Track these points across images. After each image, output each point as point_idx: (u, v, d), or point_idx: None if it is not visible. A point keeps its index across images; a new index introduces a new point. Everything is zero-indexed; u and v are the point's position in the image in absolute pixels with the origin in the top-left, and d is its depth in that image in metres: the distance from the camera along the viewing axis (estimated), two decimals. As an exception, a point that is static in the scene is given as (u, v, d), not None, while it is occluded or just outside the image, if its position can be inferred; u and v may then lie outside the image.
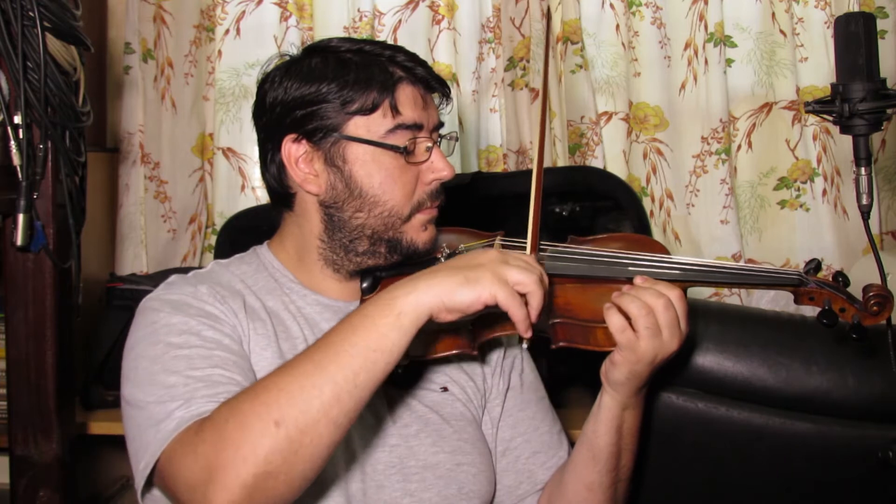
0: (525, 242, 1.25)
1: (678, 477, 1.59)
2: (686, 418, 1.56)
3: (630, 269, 1.27)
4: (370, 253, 1.31)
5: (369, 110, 1.26)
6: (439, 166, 1.30)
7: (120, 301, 2.04)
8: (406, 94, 1.28)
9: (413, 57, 1.32)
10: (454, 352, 1.25)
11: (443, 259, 1.35)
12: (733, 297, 2.28)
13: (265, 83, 1.33)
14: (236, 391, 1.10)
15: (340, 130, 1.27)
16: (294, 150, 1.29)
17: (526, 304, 1.10)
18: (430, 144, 1.30)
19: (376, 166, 1.27)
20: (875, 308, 1.19)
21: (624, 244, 1.38)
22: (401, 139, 1.27)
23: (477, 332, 1.25)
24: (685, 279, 1.26)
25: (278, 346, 1.26)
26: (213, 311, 1.23)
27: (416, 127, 1.28)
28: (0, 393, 1.85)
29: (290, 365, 1.07)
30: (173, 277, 1.31)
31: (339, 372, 1.04)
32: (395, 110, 1.27)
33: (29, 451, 1.56)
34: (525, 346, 1.16)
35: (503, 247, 1.37)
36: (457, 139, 1.40)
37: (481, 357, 1.42)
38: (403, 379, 1.33)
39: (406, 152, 1.27)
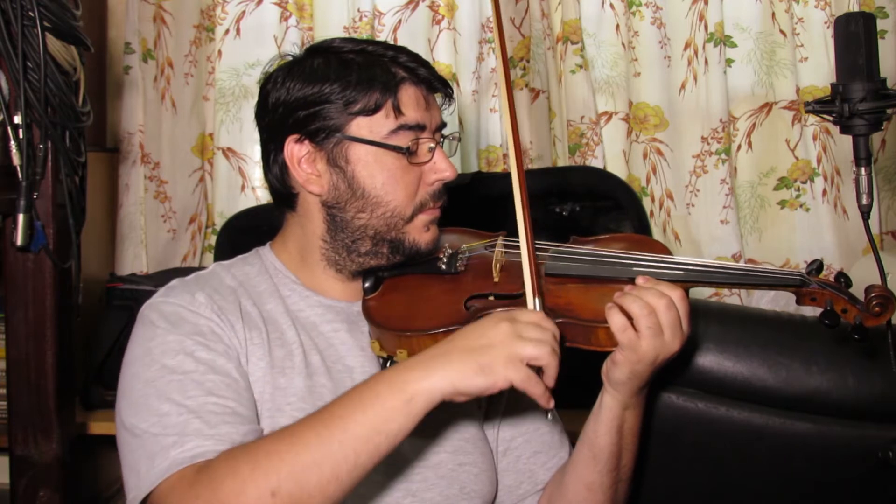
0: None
1: (678, 477, 1.59)
2: (686, 418, 1.56)
3: (632, 269, 1.27)
4: (372, 253, 1.31)
5: (372, 111, 1.26)
6: (442, 167, 1.30)
7: (120, 301, 2.05)
8: (409, 95, 1.28)
9: (416, 57, 1.32)
10: None
11: (444, 259, 1.35)
12: (733, 298, 2.28)
13: (268, 84, 1.33)
14: (228, 425, 1.12)
15: (343, 131, 1.27)
16: (297, 151, 1.29)
17: (543, 371, 1.09)
18: (432, 145, 1.30)
19: (379, 167, 1.27)
20: (877, 309, 1.19)
21: (626, 244, 1.38)
22: (403, 140, 1.27)
23: None
24: (687, 279, 1.26)
25: (271, 355, 1.26)
26: (209, 325, 1.23)
27: (419, 127, 1.28)
28: (0, 393, 1.86)
29: (294, 432, 1.07)
30: (175, 282, 1.31)
31: (340, 451, 1.04)
32: (397, 111, 1.27)
33: (29, 451, 1.56)
34: (549, 416, 1.16)
35: (505, 247, 1.37)
36: (459, 139, 1.40)
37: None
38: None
39: (409, 153, 1.27)
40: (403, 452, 1.28)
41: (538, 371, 1.10)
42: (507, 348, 1.07)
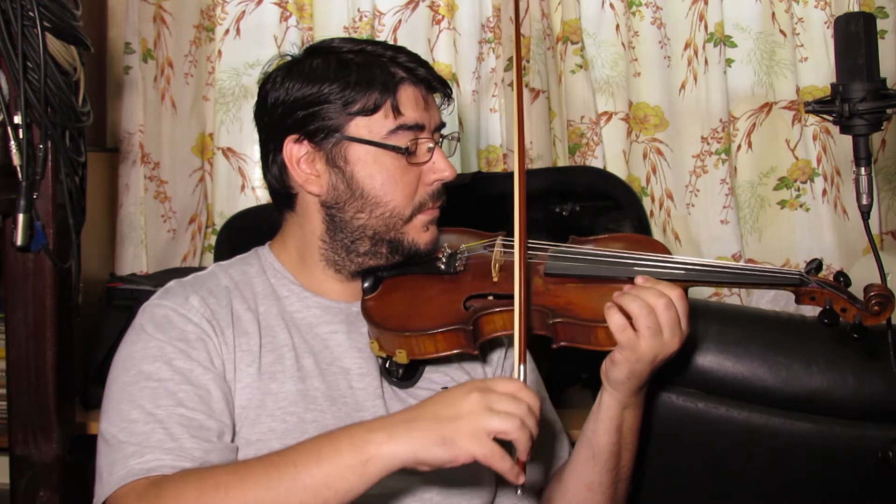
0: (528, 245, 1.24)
1: (678, 477, 1.59)
2: (686, 418, 1.56)
3: (631, 269, 1.27)
4: (372, 253, 1.31)
5: (371, 111, 1.26)
6: (441, 167, 1.30)
7: (120, 301, 2.04)
8: (408, 95, 1.28)
9: (415, 57, 1.32)
10: (455, 351, 1.25)
11: (444, 259, 1.35)
12: (733, 298, 2.28)
13: (267, 84, 1.33)
14: (190, 441, 1.14)
15: (342, 131, 1.27)
16: (296, 151, 1.29)
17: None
18: (431, 145, 1.30)
19: (378, 167, 1.27)
20: (876, 308, 1.19)
21: (625, 244, 1.38)
22: (402, 140, 1.27)
23: (478, 331, 1.25)
24: (687, 279, 1.26)
25: (261, 361, 1.26)
26: (196, 332, 1.24)
27: (418, 128, 1.28)
28: (0, 393, 1.86)
29: (247, 468, 1.08)
30: (172, 283, 1.32)
31: (286, 498, 1.05)
32: (396, 111, 1.27)
33: (29, 451, 1.56)
34: (518, 493, 1.06)
35: (504, 247, 1.37)
36: (458, 139, 1.40)
37: (482, 356, 1.41)
38: (404, 378, 1.33)
39: (408, 153, 1.27)
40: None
41: (510, 444, 1.04)
42: (472, 421, 1.02)
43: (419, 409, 1.08)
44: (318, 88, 1.27)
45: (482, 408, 1.03)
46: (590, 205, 2.06)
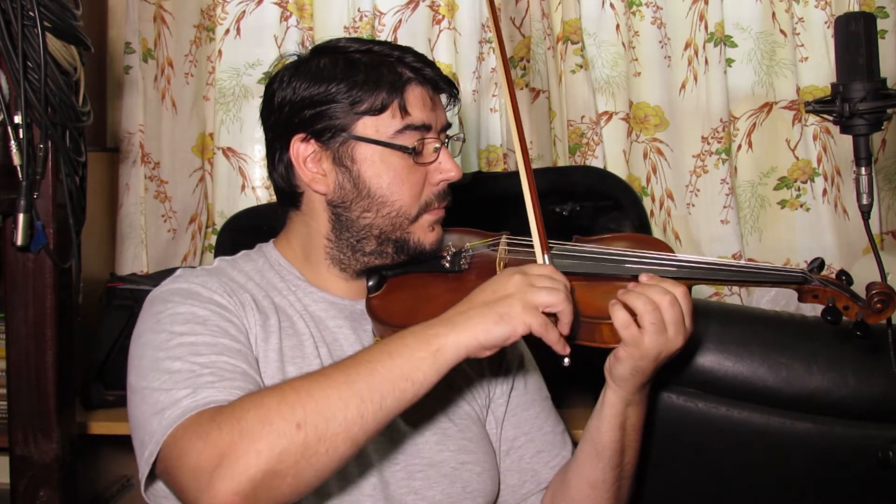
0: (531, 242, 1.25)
1: (678, 477, 1.59)
2: (686, 418, 1.56)
3: (635, 266, 1.27)
4: (377, 253, 1.32)
5: (378, 111, 1.27)
6: (447, 167, 1.31)
7: (120, 301, 2.04)
8: (415, 95, 1.28)
9: (421, 58, 1.32)
10: None
11: (448, 257, 1.36)
12: (733, 298, 2.28)
13: (273, 83, 1.33)
14: (240, 381, 1.11)
15: (349, 130, 1.27)
16: (302, 150, 1.29)
17: (557, 321, 1.12)
18: (437, 145, 1.31)
19: (385, 166, 1.28)
20: (879, 305, 1.20)
21: (629, 243, 1.39)
22: (409, 140, 1.28)
23: None
24: (691, 276, 1.27)
25: (281, 343, 1.26)
26: (222, 300, 1.24)
27: (425, 128, 1.29)
28: (0, 393, 1.86)
29: (322, 373, 1.08)
30: (180, 271, 1.32)
31: (367, 392, 1.05)
32: (403, 111, 1.27)
33: (29, 451, 1.56)
34: (566, 362, 1.16)
35: (509, 245, 1.38)
36: (463, 140, 1.40)
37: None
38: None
39: (414, 153, 1.28)
40: (406, 450, 1.28)
41: (553, 320, 1.12)
42: (522, 296, 1.10)
43: (469, 301, 1.13)
44: (326, 88, 1.27)
45: (528, 285, 1.11)
46: (590, 205, 2.06)
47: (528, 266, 1.17)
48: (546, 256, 1.22)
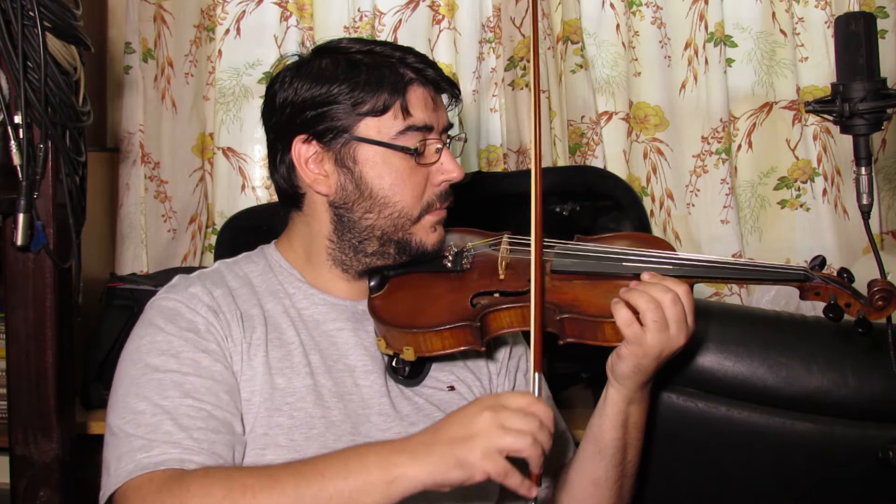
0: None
1: (678, 477, 1.59)
2: (686, 418, 1.56)
3: (637, 265, 1.28)
4: (379, 254, 1.32)
5: (380, 111, 1.27)
6: (449, 168, 1.31)
7: (120, 301, 2.04)
8: (417, 96, 1.28)
9: (423, 58, 1.32)
10: (462, 348, 1.26)
11: (450, 257, 1.36)
12: (733, 297, 2.28)
13: (275, 84, 1.33)
14: (199, 429, 1.14)
15: (351, 131, 1.27)
16: (304, 151, 1.29)
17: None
18: (439, 146, 1.31)
19: (387, 167, 1.28)
20: (880, 303, 1.20)
21: (630, 242, 1.39)
22: (411, 141, 1.28)
23: (485, 328, 1.25)
24: (693, 275, 1.27)
25: (268, 356, 1.26)
26: (205, 323, 1.24)
27: (427, 128, 1.29)
28: (0, 393, 1.85)
29: (274, 474, 1.08)
30: (176, 279, 1.32)
31: None
32: (405, 112, 1.27)
33: (29, 451, 1.56)
34: None
35: (510, 244, 1.37)
36: (465, 140, 1.40)
37: (488, 355, 1.42)
38: (410, 376, 1.33)
39: (416, 154, 1.28)
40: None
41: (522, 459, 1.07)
42: (486, 441, 1.05)
43: (436, 431, 1.09)
44: (328, 89, 1.27)
45: (494, 426, 1.05)
46: (590, 205, 2.06)
47: (505, 396, 1.09)
48: (538, 377, 1.14)
